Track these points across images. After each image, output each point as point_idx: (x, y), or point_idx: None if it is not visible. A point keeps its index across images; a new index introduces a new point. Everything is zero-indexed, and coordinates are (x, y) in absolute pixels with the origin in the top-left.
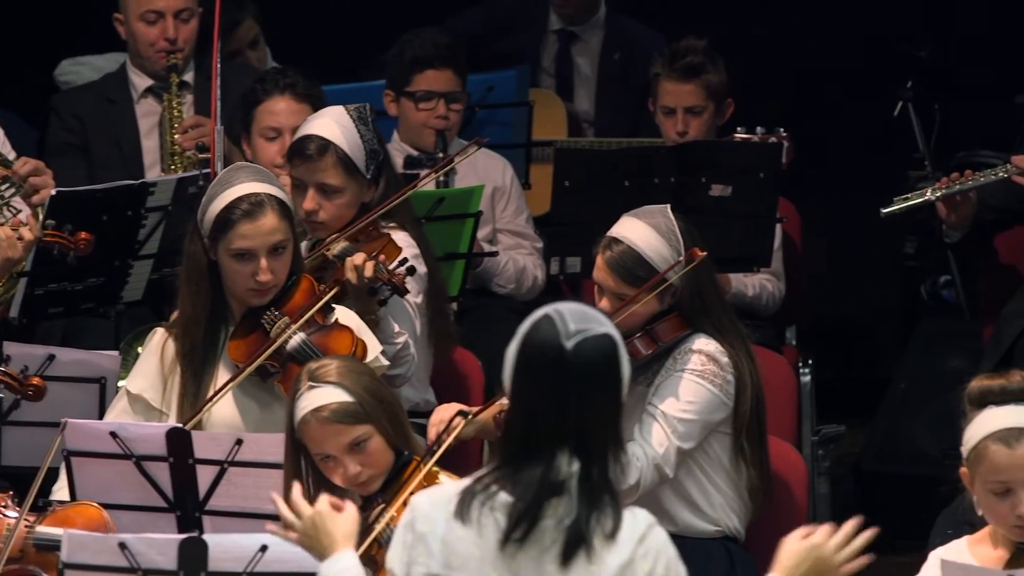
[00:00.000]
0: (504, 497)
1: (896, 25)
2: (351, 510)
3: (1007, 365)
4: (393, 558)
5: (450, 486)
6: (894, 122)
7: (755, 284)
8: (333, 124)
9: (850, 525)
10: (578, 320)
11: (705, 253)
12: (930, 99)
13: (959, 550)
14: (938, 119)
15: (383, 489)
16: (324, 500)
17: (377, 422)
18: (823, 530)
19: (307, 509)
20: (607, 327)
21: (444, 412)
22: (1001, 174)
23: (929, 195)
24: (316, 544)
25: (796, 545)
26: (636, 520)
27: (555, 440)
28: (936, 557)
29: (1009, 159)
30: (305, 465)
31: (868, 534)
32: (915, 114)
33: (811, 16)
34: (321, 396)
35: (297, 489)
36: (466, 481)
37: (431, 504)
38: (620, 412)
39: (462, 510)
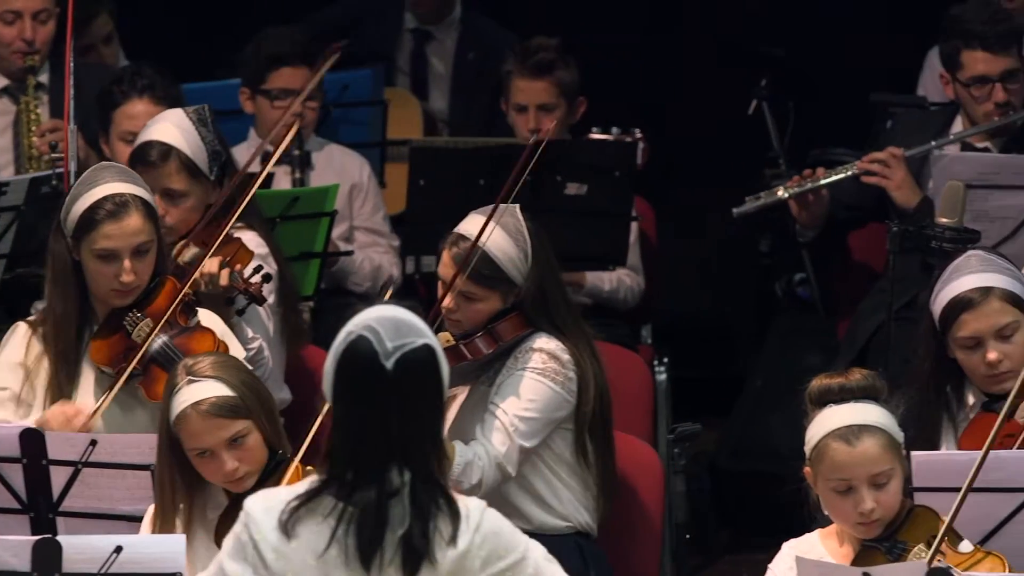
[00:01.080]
0: (340, 508)
1: (750, 24)
2: None
3: (862, 362)
4: (227, 557)
5: (283, 492)
6: (749, 120)
7: (612, 279)
8: (173, 128)
9: None
10: (394, 336)
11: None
12: (784, 97)
13: (811, 543)
14: (792, 117)
15: (256, 487)
16: None
17: (256, 417)
18: None
19: None
20: (424, 337)
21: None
22: (852, 172)
23: (781, 194)
24: None
25: None
26: (469, 510)
27: (382, 454)
28: (789, 548)
29: (861, 157)
30: (177, 463)
31: None
32: (770, 112)
33: (665, 15)
34: (201, 390)
35: None
36: (299, 488)
37: (264, 511)
38: (443, 417)
39: (294, 521)
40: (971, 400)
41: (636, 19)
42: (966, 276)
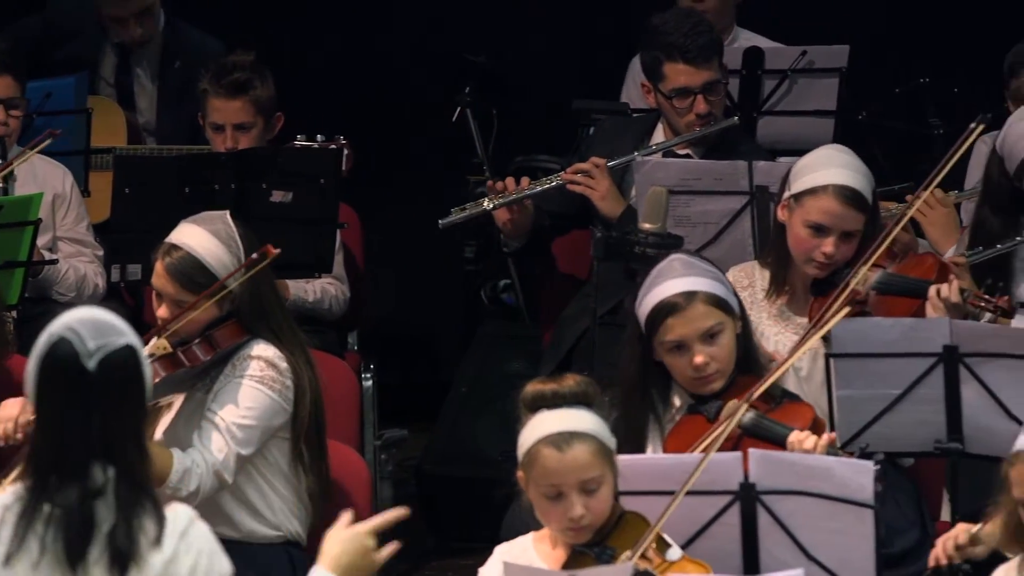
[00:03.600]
0: (46, 512)
1: (453, 31)
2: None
3: (566, 368)
4: None
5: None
6: (453, 128)
7: (316, 289)
8: None
9: (391, 513)
10: (95, 335)
11: (278, 250)
12: (488, 104)
13: (523, 547)
14: (495, 124)
15: None
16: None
17: None
18: (369, 521)
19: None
20: (126, 336)
21: None
22: (557, 182)
23: (487, 205)
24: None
25: (338, 533)
26: (177, 516)
27: (84, 454)
28: (500, 552)
29: (565, 164)
30: None
31: (396, 514)
32: (473, 119)
33: (372, 20)
34: None
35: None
36: (4, 498)
37: None
38: (146, 417)
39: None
40: (677, 402)
41: (341, 23)
42: (669, 281)
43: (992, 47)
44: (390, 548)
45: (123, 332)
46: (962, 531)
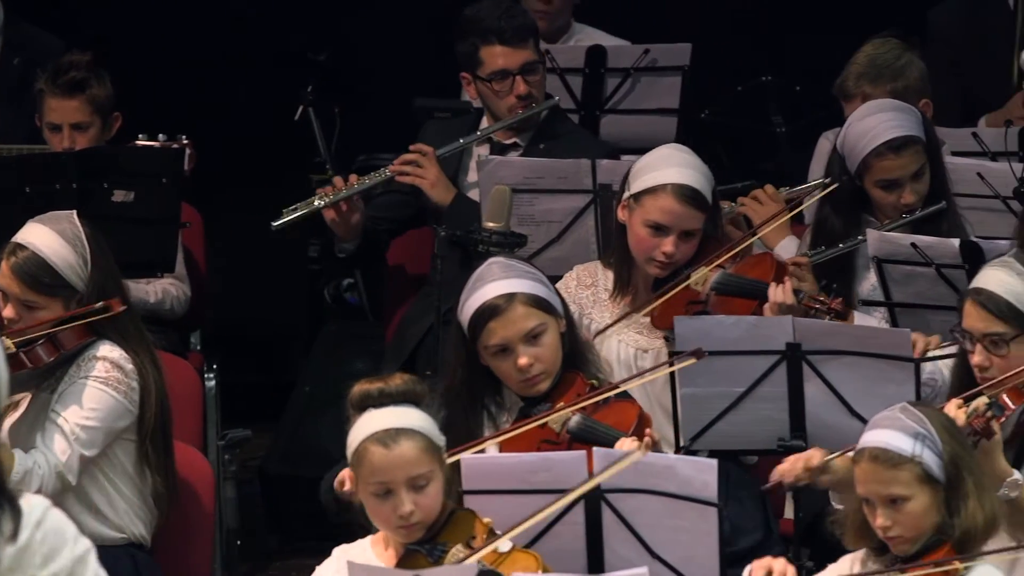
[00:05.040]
0: None
1: (295, 30)
2: None
3: (411, 366)
4: None
5: None
6: (296, 126)
7: (157, 290)
8: None
9: None
10: None
11: (124, 307)
12: (330, 103)
13: (362, 547)
14: (338, 123)
15: None
16: None
17: None
18: None
19: None
20: None
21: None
22: (386, 175)
23: (317, 203)
24: None
25: None
26: (32, 507)
27: None
28: (340, 551)
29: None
30: None
31: None
32: (316, 117)
33: (216, 20)
34: None
35: None
36: None
37: None
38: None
39: None
40: (508, 404)
41: (184, 22)
42: (489, 284)
43: (833, 46)
44: None
45: None
46: (817, 454)
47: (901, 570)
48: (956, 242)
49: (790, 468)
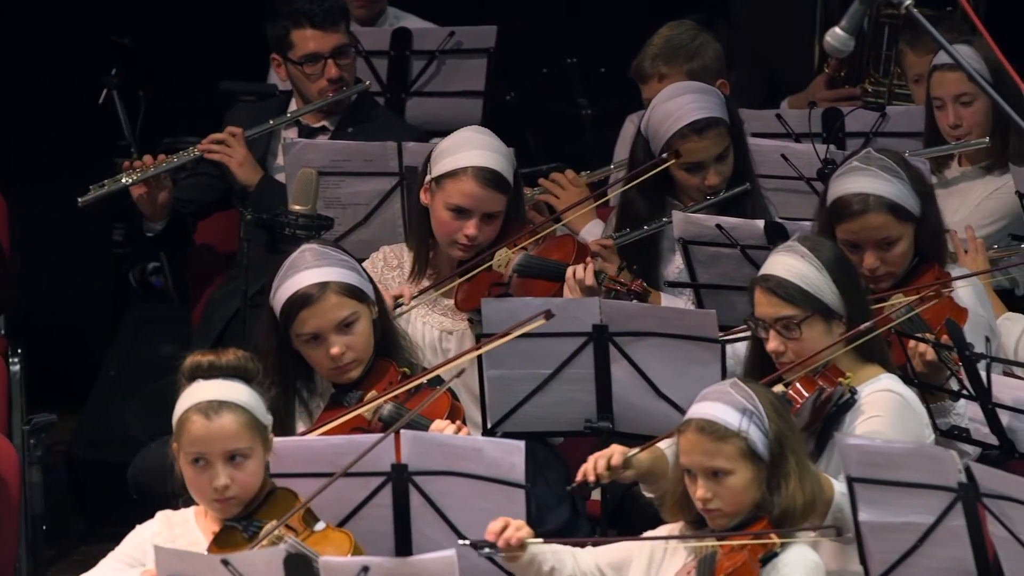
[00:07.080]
0: None
1: (100, 13)
2: None
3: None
4: None
5: None
6: (101, 110)
7: None
8: None
9: None
10: None
11: None
12: (135, 86)
13: (185, 517)
14: (143, 106)
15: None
16: None
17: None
18: None
19: None
20: None
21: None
22: (194, 154)
23: (125, 180)
24: None
25: None
26: None
27: None
28: (163, 515)
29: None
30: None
31: None
32: (120, 101)
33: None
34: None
35: None
36: None
37: None
38: None
39: None
40: (320, 389)
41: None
42: (301, 272)
43: (640, 29)
44: None
45: None
46: (617, 452)
47: (720, 537)
48: (761, 223)
49: (591, 468)
